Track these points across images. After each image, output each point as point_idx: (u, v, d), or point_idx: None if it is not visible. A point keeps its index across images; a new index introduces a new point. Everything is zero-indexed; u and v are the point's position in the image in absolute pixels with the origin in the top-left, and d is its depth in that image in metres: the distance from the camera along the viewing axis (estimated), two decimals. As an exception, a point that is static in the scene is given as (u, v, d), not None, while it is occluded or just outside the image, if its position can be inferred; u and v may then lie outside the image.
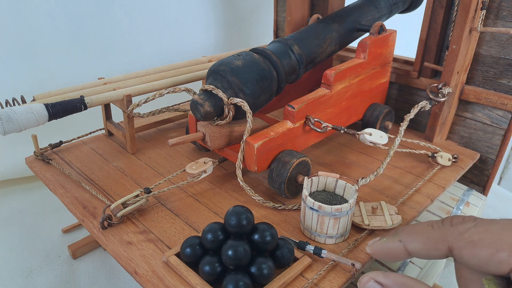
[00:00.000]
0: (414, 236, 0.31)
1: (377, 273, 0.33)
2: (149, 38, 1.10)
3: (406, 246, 0.31)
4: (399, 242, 0.31)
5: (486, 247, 0.26)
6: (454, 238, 0.28)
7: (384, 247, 0.33)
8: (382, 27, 0.68)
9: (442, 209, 0.71)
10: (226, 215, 0.43)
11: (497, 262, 0.26)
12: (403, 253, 0.32)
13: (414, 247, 0.31)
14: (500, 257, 0.26)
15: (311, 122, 0.59)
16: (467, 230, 0.28)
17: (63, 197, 0.57)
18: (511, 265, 0.26)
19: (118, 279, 0.71)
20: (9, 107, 0.55)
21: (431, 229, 0.30)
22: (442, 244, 0.29)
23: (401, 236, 0.32)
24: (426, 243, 0.30)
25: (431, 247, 0.30)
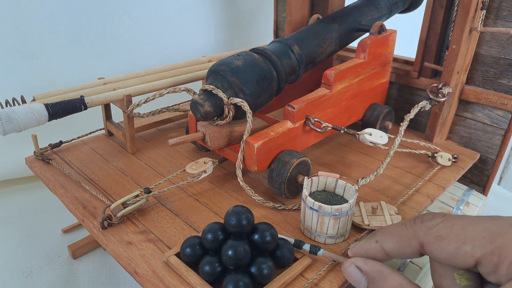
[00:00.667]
0: (388, 235, 0.33)
1: (358, 259, 0.35)
2: (149, 38, 1.10)
3: (382, 246, 0.33)
4: (376, 242, 0.33)
5: (452, 241, 0.28)
6: (423, 233, 0.30)
7: (363, 248, 0.34)
8: (382, 27, 0.68)
9: (442, 209, 0.71)
10: (226, 215, 0.43)
11: (463, 254, 0.27)
12: (380, 253, 0.33)
13: (389, 246, 0.32)
14: (465, 250, 0.27)
15: (311, 122, 0.59)
16: (435, 225, 0.29)
17: (63, 197, 0.57)
18: (475, 257, 0.27)
19: (118, 279, 0.71)
20: (9, 107, 0.55)
21: (404, 228, 0.32)
22: (414, 241, 0.30)
23: (377, 236, 0.33)
24: (399, 241, 0.32)
25: (404, 244, 0.31)
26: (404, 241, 0.31)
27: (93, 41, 1.01)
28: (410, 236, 0.31)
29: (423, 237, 0.30)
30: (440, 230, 0.29)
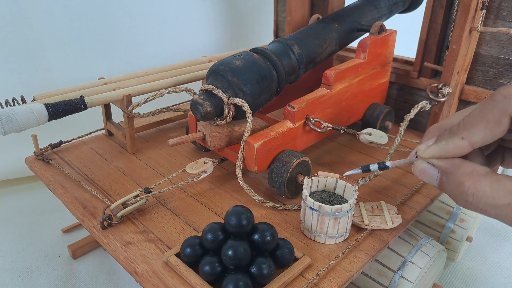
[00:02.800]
0: (474, 127, 0.31)
1: (432, 159, 0.33)
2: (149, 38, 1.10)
3: (470, 141, 0.31)
4: (462, 139, 0.31)
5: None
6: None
7: (445, 149, 0.32)
8: (382, 27, 0.68)
9: (442, 209, 0.71)
10: (226, 215, 0.43)
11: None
12: (466, 149, 0.32)
13: (478, 137, 0.31)
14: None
15: (311, 122, 0.59)
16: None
17: (63, 197, 0.57)
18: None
19: (118, 279, 0.71)
20: (9, 107, 0.55)
21: (488, 111, 0.31)
22: (505, 118, 0.30)
23: (462, 133, 0.32)
24: (488, 126, 0.30)
25: (494, 127, 0.30)
26: (494, 124, 0.30)
27: (93, 41, 1.01)
28: (499, 116, 0.30)
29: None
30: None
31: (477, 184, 0.30)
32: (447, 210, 0.70)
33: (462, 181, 0.30)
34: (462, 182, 0.30)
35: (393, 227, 0.50)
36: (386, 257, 0.58)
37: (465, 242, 0.72)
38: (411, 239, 0.60)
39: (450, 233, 0.70)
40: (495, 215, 0.30)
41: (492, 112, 0.31)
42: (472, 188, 0.30)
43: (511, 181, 0.29)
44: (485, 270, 0.74)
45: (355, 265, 0.45)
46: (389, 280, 0.57)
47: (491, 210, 0.30)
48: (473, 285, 0.71)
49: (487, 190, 0.29)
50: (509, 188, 0.29)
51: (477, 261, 0.76)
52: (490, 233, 0.84)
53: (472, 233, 0.75)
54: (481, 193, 0.29)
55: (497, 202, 0.29)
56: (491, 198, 0.29)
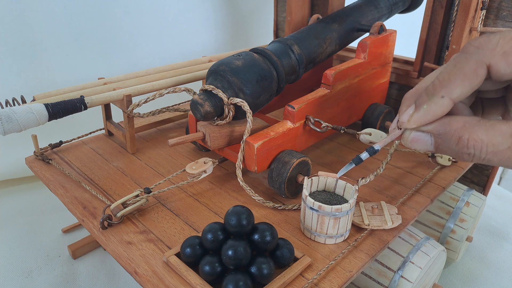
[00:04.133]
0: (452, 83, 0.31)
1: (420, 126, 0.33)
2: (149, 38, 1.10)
3: (451, 97, 0.31)
4: (442, 98, 0.31)
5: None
6: (488, 56, 0.29)
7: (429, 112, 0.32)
8: (382, 27, 0.68)
9: (442, 209, 0.71)
10: (226, 215, 0.43)
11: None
12: (449, 107, 0.31)
13: (457, 92, 0.31)
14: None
15: (311, 122, 0.59)
16: (496, 44, 0.29)
17: (63, 197, 0.57)
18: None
19: (118, 279, 0.71)
20: (9, 107, 0.55)
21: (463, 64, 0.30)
22: (481, 68, 0.30)
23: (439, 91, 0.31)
24: (465, 79, 0.30)
25: (472, 78, 0.30)
26: (471, 76, 0.30)
27: (93, 41, 1.01)
28: (475, 67, 0.30)
29: (490, 59, 0.29)
30: (504, 46, 0.29)
31: (474, 135, 0.29)
32: (447, 210, 0.70)
33: (459, 136, 0.30)
34: (459, 138, 0.30)
35: (393, 227, 0.50)
36: (386, 257, 0.58)
37: (465, 242, 0.72)
38: (411, 239, 0.60)
39: (450, 233, 0.70)
40: (499, 162, 0.29)
41: (467, 64, 0.30)
42: (470, 140, 0.29)
43: (504, 124, 0.29)
44: (485, 270, 0.74)
45: (355, 265, 0.45)
46: (389, 280, 0.57)
47: (493, 157, 0.29)
48: (473, 285, 0.71)
49: (485, 138, 0.29)
50: (504, 131, 0.29)
51: (477, 261, 0.76)
52: (490, 233, 0.84)
53: (472, 233, 0.75)
54: (480, 142, 0.29)
55: (497, 148, 0.29)
56: (491, 145, 0.29)
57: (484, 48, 0.30)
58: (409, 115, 0.33)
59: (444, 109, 0.31)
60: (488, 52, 0.29)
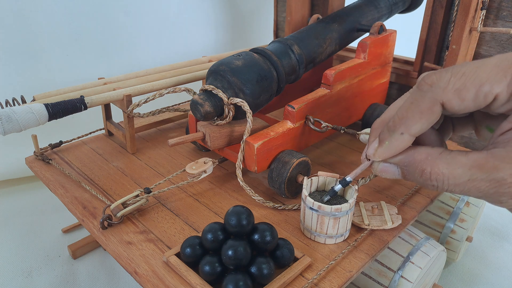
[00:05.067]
0: (409, 119, 0.32)
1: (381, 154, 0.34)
2: (149, 38, 1.10)
3: (409, 133, 0.32)
4: (402, 134, 0.32)
5: (470, 88, 0.29)
6: (441, 94, 0.30)
7: (391, 148, 0.33)
8: (382, 27, 0.68)
9: (442, 209, 0.71)
10: (226, 215, 0.43)
11: (483, 96, 0.29)
12: (409, 141, 0.32)
13: (416, 129, 0.32)
14: (484, 90, 0.29)
15: (311, 122, 0.59)
16: (448, 82, 0.30)
17: (63, 197, 0.57)
18: (495, 93, 0.28)
19: (118, 279, 0.71)
20: (9, 107, 0.55)
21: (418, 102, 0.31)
22: (436, 106, 0.31)
23: (399, 128, 0.32)
24: (423, 117, 0.31)
25: (428, 115, 0.31)
26: (427, 113, 0.31)
27: (93, 41, 1.01)
28: (430, 105, 0.31)
29: (442, 97, 0.30)
30: (455, 84, 0.30)
31: (436, 168, 0.30)
32: (447, 210, 0.70)
33: (423, 169, 0.31)
34: (423, 170, 0.31)
35: (393, 227, 0.50)
36: (386, 257, 0.58)
37: (465, 242, 0.72)
38: (411, 239, 0.60)
39: (450, 233, 0.70)
40: (461, 192, 0.30)
41: (423, 102, 0.31)
42: (433, 173, 0.30)
43: (464, 155, 0.30)
44: (485, 270, 0.74)
45: (355, 265, 0.45)
46: (389, 280, 0.57)
47: (455, 188, 0.30)
48: (473, 285, 0.71)
49: (446, 171, 0.30)
50: (464, 163, 0.29)
51: (477, 261, 0.76)
52: (490, 233, 0.84)
53: (472, 233, 0.75)
54: (442, 176, 0.30)
55: (458, 180, 0.29)
56: (452, 177, 0.30)
57: (437, 86, 0.30)
58: (374, 149, 0.34)
59: (405, 144, 0.33)
60: (440, 91, 0.30)
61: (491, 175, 0.28)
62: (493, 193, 0.29)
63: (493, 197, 0.29)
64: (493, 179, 0.28)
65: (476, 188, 0.29)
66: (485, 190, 0.29)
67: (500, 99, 0.29)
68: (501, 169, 0.28)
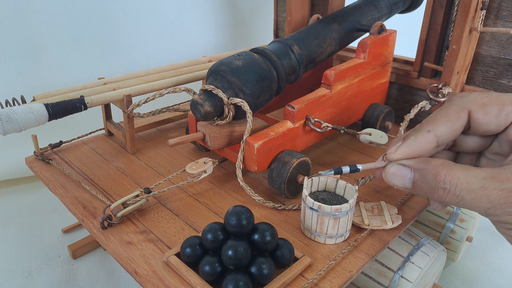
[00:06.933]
0: (438, 121, 0.35)
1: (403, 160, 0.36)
2: (149, 38, 1.10)
3: (435, 133, 0.35)
4: (428, 132, 0.35)
5: (494, 105, 0.34)
6: (469, 104, 0.35)
7: (414, 144, 0.35)
8: (382, 27, 0.68)
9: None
10: (226, 215, 0.43)
11: (505, 114, 0.34)
12: (433, 142, 0.35)
13: (442, 130, 0.35)
14: (507, 110, 0.34)
15: (311, 122, 0.59)
16: (477, 97, 0.36)
17: (63, 197, 0.57)
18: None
19: (118, 279, 0.71)
20: (9, 107, 0.55)
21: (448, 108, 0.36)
22: (463, 112, 0.35)
23: (426, 127, 0.36)
24: (450, 120, 0.35)
25: (455, 120, 0.35)
26: (454, 117, 0.35)
27: (93, 41, 1.01)
28: (458, 110, 0.35)
29: (470, 106, 0.35)
30: (483, 99, 0.35)
31: (451, 172, 0.32)
32: (447, 210, 0.70)
33: (438, 172, 0.33)
34: (437, 172, 0.33)
35: (393, 227, 0.50)
36: (386, 257, 0.58)
37: (465, 242, 0.72)
38: (411, 239, 0.60)
39: (450, 233, 0.70)
40: (471, 200, 0.32)
41: (451, 108, 0.35)
42: (447, 175, 0.32)
43: (478, 168, 0.32)
44: (485, 270, 0.74)
45: (355, 265, 0.45)
46: (389, 280, 0.57)
47: (466, 195, 0.32)
48: (473, 285, 0.71)
49: (461, 176, 0.32)
50: (478, 174, 0.32)
51: (477, 261, 0.76)
52: (490, 233, 0.84)
53: (472, 233, 0.75)
54: (456, 179, 0.32)
55: (471, 186, 0.31)
56: (465, 183, 0.31)
57: (466, 97, 0.36)
58: (397, 146, 0.36)
59: (428, 143, 0.35)
60: (469, 101, 0.35)
61: (504, 184, 0.30)
62: (503, 202, 0.30)
63: (503, 207, 0.30)
64: (506, 188, 0.30)
65: (487, 196, 0.31)
66: (496, 199, 0.30)
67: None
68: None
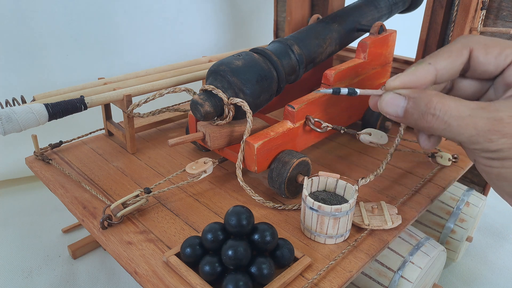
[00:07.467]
0: (439, 55, 0.37)
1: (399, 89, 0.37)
2: (149, 38, 1.10)
3: (436, 66, 0.36)
4: (429, 64, 0.36)
5: (497, 46, 0.36)
6: (472, 43, 0.36)
7: (414, 74, 0.37)
8: (382, 27, 0.68)
9: (442, 209, 0.71)
10: (226, 215, 0.43)
11: (505, 56, 0.35)
12: (432, 75, 0.37)
13: (441, 64, 0.37)
14: (507, 52, 0.35)
15: (311, 122, 0.59)
16: (481, 38, 0.37)
17: (63, 197, 0.57)
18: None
19: (118, 279, 0.71)
20: (9, 107, 0.55)
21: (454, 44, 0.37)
22: (465, 49, 0.36)
23: (429, 60, 0.37)
24: (451, 55, 0.36)
25: (456, 56, 0.36)
26: (456, 53, 0.36)
27: (93, 41, 1.01)
28: (461, 48, 0.36)
29: (473, 45, 0.36)
30: (486, 40, 0.36)
31: (443, 100, 0.34)
32: (447, 210, 0.70)
33: (430, 99, 0.34)
34: (430, 100, 0.34)
35: (393, 227, 0.50)
36: (386, 257, 0.58)
37: (465, 242, 0.72)
38: (411, 239, 0.60)
39: (450, 233, 0.70)
40: (457, 127, 0.33)
41: (454, 45, 0.37)
42: (439, 103, 0.34)
43: (470, 101, 0.34)
44: (485, 270, 0.74)
45: (355, 265, 0.45)
46: (389, 280, 0.57)
47: (454, 121, 0.33)
48: (473, 285, 0.71)
49: (452, 104, 0.34)
50: (468, 104, 0.33)
51: (477, 261, 0.76)
52: (490, 233, 0.84)
53: (472, 233, 0.75)
54: (447, 106, 0.34)
55: (460, 113, 0.33)
56: (455, 110, 0.33)
57: (471, 38, 0.37)
58: (396, 76, 0.38)
59: (428, 74, 0.37)
60: (473, 40, 0.36)
61: (491, 113, 0.32)
62: (487, 130, 0.32)
63: (486, 134, 0.32)
64: (492, 117, 0.32)
65: (473, 124, 0.32)
66: (481, 127, 0.32)
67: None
68: (501, 111, 0.32)
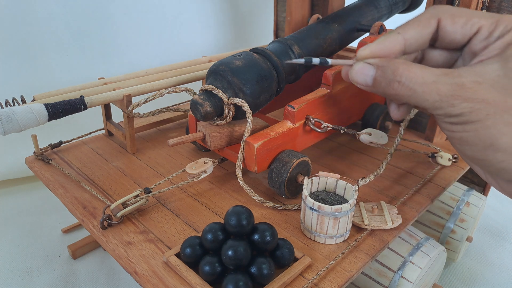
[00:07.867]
0: (408, 25, 0.38)
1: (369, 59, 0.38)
2: (149, 38, 1.10)
3: (404, 36, 0.37)
4: (398, 34, 0.38)
5: (463, 16, 0.36)
6: (440, 13, 0.37)
7: (383, 43, 0.38)
8: (382, 27, 0.68)
9: (442, 209, 0.71)
10: (226, 215, 0.43)
11: (471, 24, 0.36)
12: (401, 43, 0.38)
13: (411, 34, 0.38)
14: (473, 21, 0.36)
15: (311, 122, 0.59)
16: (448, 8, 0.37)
17: (63, 197, 0.57)
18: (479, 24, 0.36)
19: (118, 279, 0.71)
20: (9, 107, 0.55)
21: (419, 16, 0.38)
22: (433, 19, 0.37)
23: (398, 29, 0.38)
24: (420, 25, 0.37)
25: (424, 25, 0.37)
26: (424, 23, 0.37)
27: (93, 41, 1.01)
28: (429, 18, 0.37)
29: (441, 15, 0.37)
30: (453, 10, 0.37)
31: (409, 67, 0.35)
32: (447, 210, 0.70)
33: (397, 67, 0.36)
34: (396, 67, 0.36)
35: (393, 227, 0.50)
36: (386, 257, 0.58)
37: (465, 242, 0.72)
38: (411, 239, 0.60)
39: (450, 233, 0.70)
40: (422, 93, 0.34)
41: (423, 15, 0.38)
42: (405, 70, 0.35)
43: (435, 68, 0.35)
44: (485, 270, 0.74)
45: (355, 265, 0.46)
46: (389, 280, 0.57)
47: (419, 88, 0.34)
48: (473, 285, 0.71)
49: (417, 71, 0.35)
50: (433, 71, 0.34)
51: (477, 261, 0.76)
52: (490, 233, 0.84)
53: (472, 233, 0.75)
54: (413, 73, 0.35)
55: (425, 80, 0.34)
56: (420, 77, 0.34)
57: (440, 8, 0.38)
58: (367, 45, 0.39)
59: (396, 43, 0.38)
60: (441, 11, 0.37)
61: (455, 79, 0.33)
62: (450, 95, 0.33)
63: (449, 100, 0.33)
64: (454, 83, 0.33)
65: (437, 89, 0.33)
66: (444, 92, 0.33)
67: (482, 32, 0.35)
68: (463, 77, 0.33)
